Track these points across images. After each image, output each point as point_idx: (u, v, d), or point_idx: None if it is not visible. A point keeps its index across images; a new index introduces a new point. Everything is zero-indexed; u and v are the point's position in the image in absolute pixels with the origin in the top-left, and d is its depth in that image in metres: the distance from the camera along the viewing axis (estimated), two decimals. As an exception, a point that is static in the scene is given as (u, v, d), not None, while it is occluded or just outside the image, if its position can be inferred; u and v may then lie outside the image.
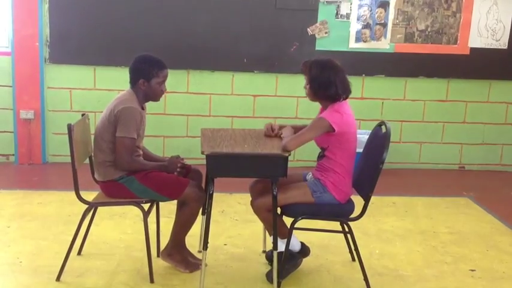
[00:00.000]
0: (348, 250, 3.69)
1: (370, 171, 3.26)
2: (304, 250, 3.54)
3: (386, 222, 4.48)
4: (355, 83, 5.83)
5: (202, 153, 3.07)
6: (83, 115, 3.54)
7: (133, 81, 3.33)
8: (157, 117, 5.85)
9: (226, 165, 3.11)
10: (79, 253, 3.64)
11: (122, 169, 3.24)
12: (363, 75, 5.94)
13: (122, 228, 4.11)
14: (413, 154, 6.22)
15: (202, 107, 5.90)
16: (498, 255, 3.91)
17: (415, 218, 4.61)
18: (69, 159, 3.25)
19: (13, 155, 5.79)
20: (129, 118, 3.19)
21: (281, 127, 3.50)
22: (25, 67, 5.57)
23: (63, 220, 4.20)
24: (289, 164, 3.16)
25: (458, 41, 5.90)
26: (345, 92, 3.30)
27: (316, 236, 3.75)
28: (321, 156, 3.37)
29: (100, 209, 3.66)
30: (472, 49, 5.92)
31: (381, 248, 3.97)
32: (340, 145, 3.24)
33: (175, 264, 3.44)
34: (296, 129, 3.41)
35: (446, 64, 5.95)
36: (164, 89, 3.40)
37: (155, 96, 3.38)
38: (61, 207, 4.47)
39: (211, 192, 3.13)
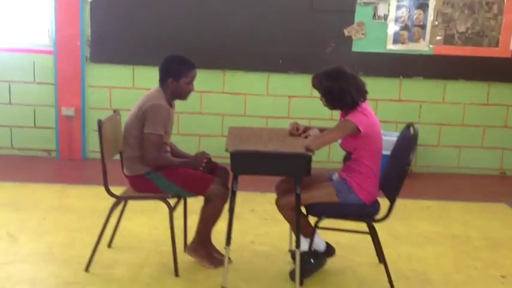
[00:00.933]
0: (376, 252, 3.66)
1: (397, 173, 3.22)
2: (329, 250, 3.53)
3: (419, 226, 4.41)
4: (392, 84, 5.91)
5: (226, 150, 3.11)
6: (114, 111, 3.64)
7: (163, 80, 3.40)
8: (193, 117, 5.95)
9: (249, 163, 3.13)
10: (109, 245, 3.74)
11: (148, 165, 3.31)
12: (401, 76, 5.88)
13: (153, 223, 4.18)
14: (452, 158, 6.10)
15: (238, 107, 5.96)
16: (531, 263, 3.81)
17: (449, 223, 4.53)
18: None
19: (55, 150, 5.98)
20: (156, 115, 3.26)
21: (307, 128, 3.50)
22: (67, 66, 5.75)
23: (97, 214, 4.29)
24: (323, 165, 3.15)
25: (499, 44, 5.77)
26: (360, 96, 3.26)
27: (344, 237, 3.74)
28: (347, 158, 3.36)
29: (133, 204, 3.76)
30: (514, 52, 5.79)
31: (410, 252, 3.91)
32: (366, 147, 3.22)
33: (200, 259, 3.49)
34: (322, 131, 3.41)
35: (486, 67, 5.83)
36: (192, 89, 3.45)
37: (183, 95, 3.44)
38: (96, 201, 4.58)
39: (235, 189, 3.16)
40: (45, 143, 6.00)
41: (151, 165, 3.32)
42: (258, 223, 4.33)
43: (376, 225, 3.33)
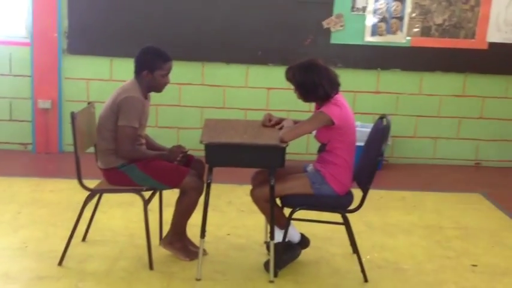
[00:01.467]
0: (350, 243, 3.69)
1: (370, 164, 3.26)
2: (304, 241, 3.56)
3: (393, 216, 4.46)
4: (370, 76, 5.93)
5: (201, 142, 3.12)
6: (89, 104, 3.62)
7: (138, 72, 3.39)
8: (171, 109, 5.93)
9: (224, 154, 3.15)
10: (83, 239, 3.73)
11: (122, 157, 3.30)
12: (378, 68, 5.91)
13: (129, 216, 4.18)
14: (428, 149, 6.15)
15: (217, 99, 5.95)
16: (502, 251, 3.87)
17: (423, 213, 4.58)
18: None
19: (31, 143, 5.93)
20: (130, 107, 3.25)
21: (281, 120, 3.52)
22: (44, 58, 5.69)
23: (73, 207, 4.25)
24: (301, 157, 3.17)
25: (476, 36, 5.82)
26: (333, 88, 3.28)
27: (320, 228, 3.77)
28: (321, 149, 3.38)
29: (109, 197, 3.76)
30: (491, 44, 5.82)
31: (384, 241, 3.96)
32: (339, 138, 3.24)
33: (175, 252, 3.50)
34: (296, 123, 3.43)
35: (463, 59, 5.87)
36: (168, 81, 3.44)
37: (158, 88, 3.43)
38: (72, 195, 4.55)
39: (209, 181, 3.17)
40: (22, 136, 5.94)
41: (125, 158, 3.31)
42: (234, 215, 4.35)
43: (351, 216, 3.37)
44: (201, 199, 3.31)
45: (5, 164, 5.47)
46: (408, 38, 5.80)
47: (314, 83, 3.20)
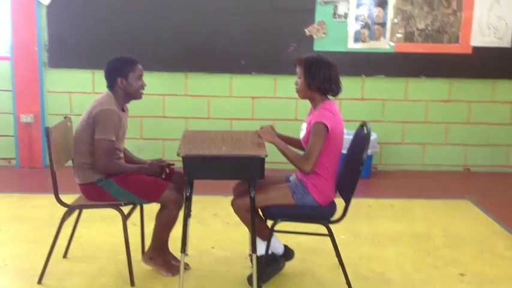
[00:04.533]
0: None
1: (352, 172, 3.20)
2: (288, 253, 3.49)
3: (381, 225, 4.40)
4: (355, 83, 5.90)
5: (178, 155, 3.05)
6: (65, 117, 3.55)
7: (111, 83, 3.33)
8: (156, 120, 5.88)
9: (202, 167, 3.07)
10: (64, 256, 3.65)
11: (100, 171, 3.23)
12: (363, 75, 5.88)
13: (112, 231, 4.09)
14: (416, 156, 6.12)
15: (201, 109, 5.89)
16: (491, 259, 3.81)
17: (411, 221, 4.52)
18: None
19: (14, 158, 5.84)
20: (107, 120, 3.19)
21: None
22: (24, 71, 5.63)
23: (55, 224, 4.07)
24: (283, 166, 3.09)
25: (459, 40, 5.80)
26: (337, 88, 3.25)
27: (306, 239, 3.71)
28: (304, 157, 3.32)
29: (91, 212, 3.67)
30: (475, 48, 5.81)
31: (371, 252, 3.89)
32: (326, 146, 3.17)
33: (157, 267, 3.42)
34: (281, 137, 3.34)
35: (448, 63, 5.85)
36: (143, 84, 3.39)
37: (136, 93, 3.37)
38: (54, 210, 4.39)
39: (188, 194, 3.10)
40: (5, 151, 5.87)
41: (102, 172, 3.24)
42: (219, 228, 4.28)
43: (338, 226, 3.30)
44: (181, 213, 3.24)
45: (-12, 180, 5.40)
46: (392, 43, 5.78)
47: (323, 73, 3.19)
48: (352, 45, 5.76)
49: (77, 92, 5.78)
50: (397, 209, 4.82)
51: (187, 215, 3.14)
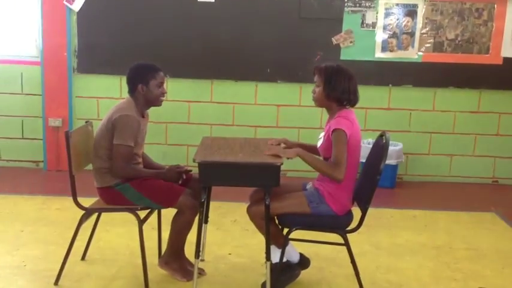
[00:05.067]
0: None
1: (369, 182, 3.16)
2: (304, 262, 3.47)
3: (402, 236, 4.34)
4: (382, 92, 5.85)
5: (194, 161, 3.06)
6: (86, 122, 3.61)
7: (132, 89, 3.37)
8: (181, 126, 5.92)
9: (217, 173, 3.08)
10: (83, 258, 3.70)
11: (117, 176, 3.27)
12: (390, 85, 5.82)
13: (131, 235, 4.11)
14: (443, 167, 6.02)
15: (226, 116, 5.92)
16: (513, 273, 3.72)
17: (433, 233, 4.45)
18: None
19: (42, 161, 5.96)
20: (125, 126, 3.23)
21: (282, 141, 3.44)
22: (54, 76, 5.75)
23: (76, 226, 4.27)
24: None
25: (490, 51, 5.70)
26: (355, 99, 3.24)
27: (324, 248, 3.67)
28: (321, 166, 3.30)
29: (112, 216, 3.71)
30: (505, 59, 5.69)
31: (390, 262, 3.84)
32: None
33: (172, 272, 3.44)
34: (304, 147, 3.35)
35: (477, 74, 5.75)
36: (164, 91, 3.42)
37: (156, 100, 3.40)
38: (76, 213, 4.45)
39: (203, 200, 3.11)
40: (33, 154, 6.00)
41: (120, 177, 3.27)
42: (238, 234, 4.27)
43: (358, 236, 3.27)
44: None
45: (16, 181, 5.51)
46: (420, 53, 5.71)
47: (343, 83, 3.17)
48: (380, 55, 5.71)
49: (104, 97, 5.86)
50: (419, 220, 4.74)
51: (202, 221, 3.15)
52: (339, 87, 3.18)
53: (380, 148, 3.21)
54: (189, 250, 3.51)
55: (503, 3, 5.61)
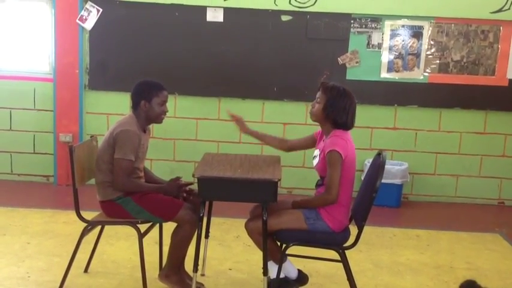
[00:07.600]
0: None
1: (365, 200, 3.21)
2: (302, 278, 3.50)
3: (403, 255, 4.35)
4: (387, 112, 5.89)
5: (193, 176, 3.13)
6: (91, 137, 3.71)
7: (135, 105, 3.46)
8: (189, 143, 6.01)
9: (216, 188, 3.15)
10: (85, 270, 3.77)
11: (118, 189, 3.35)
12: (395, 105, 5.86)
13: (134, 249, 4.14)
14: (449, 187, 6.02)
15: (233, 133, 5.97)
16: (512, 294, 3.72)
17: (435, 252, 4.45)
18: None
19: (52, 176, 6.07)
20: (126, 141, 3.31)
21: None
22: (66, 93, 5.88)
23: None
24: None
25: (496, 73, 5.73)
26: (351, 124, 3.30)
27: (323, 265, 3.71)
28: (319, 184, 3.36)
29: (117, 229, 3.79)
30: (511, 80, 5.72)
31: (389, 281, 3.86)
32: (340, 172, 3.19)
33: (172, 285, 3.49)
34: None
35: (483, 95, 5.79)
36: (166, 110, 3.50)
37: (157, 117, 3.48)
38: (82, 226, 4.61)
39: (201, 214, 3.17)
40: (44, 169, 6.11)
41: (121, 190, 3.35)
42: (239, 250, 4.32)
43: (358, 254, 3.30)
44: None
45: (25, 195, 5.62)
46: (425, 74, 5.76)
47: (344, 107, 3.23)
48: (385, 75, 5.77)
49: (114, 114, 5.96)
50: (422, 240, 4.75)
51: (200, 235, 3.21)
52: (339, 110, 3.24)
53: (377, 166, 3.26)
54: (189, 264, 3.56)
55: (509, 25, 5.66)
